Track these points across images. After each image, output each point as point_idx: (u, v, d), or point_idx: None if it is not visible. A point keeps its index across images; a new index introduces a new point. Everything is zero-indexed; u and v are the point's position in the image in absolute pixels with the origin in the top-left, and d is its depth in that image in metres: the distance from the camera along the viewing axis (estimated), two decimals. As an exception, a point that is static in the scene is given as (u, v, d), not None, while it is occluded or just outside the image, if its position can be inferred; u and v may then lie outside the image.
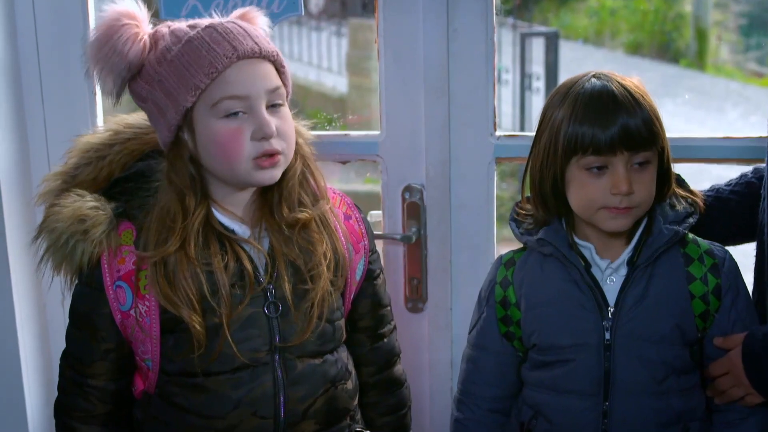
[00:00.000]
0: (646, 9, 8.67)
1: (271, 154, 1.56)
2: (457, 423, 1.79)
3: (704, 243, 1.69)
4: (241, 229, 1.62)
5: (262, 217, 1.63)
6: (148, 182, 1.62)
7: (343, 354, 1.71)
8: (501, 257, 1.77)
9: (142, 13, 1.58)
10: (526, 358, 1.74)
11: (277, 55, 1.58)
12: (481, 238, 2.07)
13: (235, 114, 1.54)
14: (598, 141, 1.57)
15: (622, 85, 1.60)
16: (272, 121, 1.55)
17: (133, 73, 1.57)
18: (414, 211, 2.06)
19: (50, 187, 1.64)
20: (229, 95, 1.53)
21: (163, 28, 1.59)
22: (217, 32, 1.55)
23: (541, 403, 1.70)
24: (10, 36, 2.06)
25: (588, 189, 1.60)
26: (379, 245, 2.11)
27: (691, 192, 1.72)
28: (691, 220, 1.67)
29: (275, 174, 1.58)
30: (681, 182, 1.72)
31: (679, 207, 1.68)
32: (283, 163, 1.59)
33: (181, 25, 1.58)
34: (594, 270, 1.66)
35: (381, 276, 1.80)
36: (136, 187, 1.62)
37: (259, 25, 1.65)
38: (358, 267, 1.73)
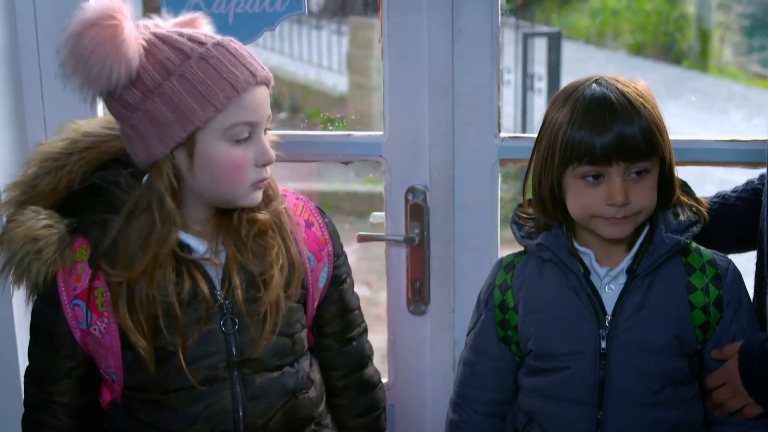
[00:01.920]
0: (649, 10, 8.66)
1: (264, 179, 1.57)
2: (452, 425, 1.79)
3: (707, 252, 1.67)
4: (200, 245, 1.58)
5: (221, 229, 1.60)
6: (103, 195, 1.58)
7: (305, 363, 1.68)
8: (501, 260, 1.76)
9: (126, 9, 1.47)
10: (523, 363, 1.72)
11: (272, 80, 1.57)
12: (485, 240, 2.06)
13: (244, 139, 1.52)
14: (593, 150, 1.55)
15: (622, 93, 1.57)
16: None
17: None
18: (417, 212, 2.04)
19: (9, 197, 1.61)
20: (244, 121, 1.51)
21: (149, 32, 1.50)
22: (230, 53, 1.51)
23: (535, 410, 1.68)
24: (10, 33, 2.06)
25: (584, 198, 1.59)
26: (382, 247, 2.10)
27: (696, 200, 1.69)
28: (694, 229, 1.65)
29: (262, 196, 1.59)
30: (686, 189, 1.70)
31: (682, 216, 1.65)
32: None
33: (172, 34, 1.51)
34: (593, 277, 1.64)
35: (348, 279, 1.76)
36: (90, 201, 1.58)
37: (205, 30, 1.59)
38: (322, 275, 1.70)
